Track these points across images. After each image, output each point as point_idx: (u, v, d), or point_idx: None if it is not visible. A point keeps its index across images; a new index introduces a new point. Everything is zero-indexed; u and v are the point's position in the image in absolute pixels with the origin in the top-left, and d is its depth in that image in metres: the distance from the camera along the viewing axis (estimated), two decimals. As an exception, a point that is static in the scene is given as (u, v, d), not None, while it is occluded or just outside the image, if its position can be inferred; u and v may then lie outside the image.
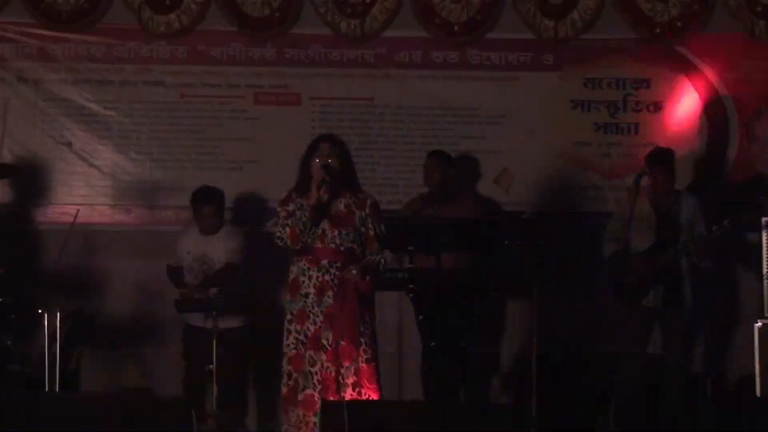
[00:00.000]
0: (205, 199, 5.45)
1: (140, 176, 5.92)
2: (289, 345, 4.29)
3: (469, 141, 5.97)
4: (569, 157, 6.01)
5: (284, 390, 4.32)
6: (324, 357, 4.24)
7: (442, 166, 5.60)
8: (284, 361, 4.36)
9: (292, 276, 4.29)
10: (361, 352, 4.25)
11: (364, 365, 4.27)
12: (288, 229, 4.21)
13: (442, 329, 5.20)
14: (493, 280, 5.38)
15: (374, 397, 4.30)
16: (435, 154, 5.66)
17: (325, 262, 4.25)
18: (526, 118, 6.01)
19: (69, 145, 5.90)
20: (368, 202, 4.33)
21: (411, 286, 5.19)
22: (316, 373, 4.26)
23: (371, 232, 4.33)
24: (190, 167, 5.92)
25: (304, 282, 4.24)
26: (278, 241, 4.27)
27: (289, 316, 4.27)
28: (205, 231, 5.49)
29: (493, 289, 5.43)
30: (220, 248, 5.44)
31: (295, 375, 4.27)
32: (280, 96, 5.93)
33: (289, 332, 4.26)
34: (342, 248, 4.26)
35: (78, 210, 5.54)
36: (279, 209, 4.32)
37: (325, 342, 4.24)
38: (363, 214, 4.32)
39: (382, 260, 4.37)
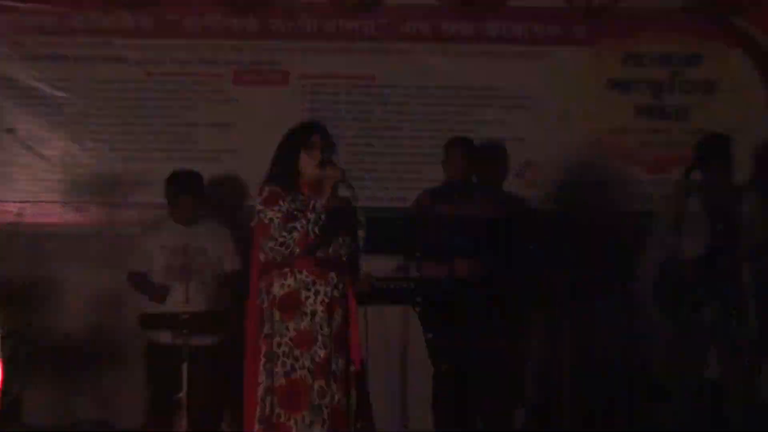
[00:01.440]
0: (183, 187, 5.19)
1: (97, 168, 5.67)
2: (277, 373, 3.97)
3: (488, 128, 5.71)
4: (605, 147, 5.76)
5: (260, 428, 3.98)
6: (335, 386, 3.98)
7: (468, 156, 5.32)
8: (260, 393, 4.01)
9: (284, 290, 4.01)
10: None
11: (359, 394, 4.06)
12: (296, 234, 3.93)
13: (456, 350, 5.03)
14: (516, 291, 5.13)
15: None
16: (460, 142, 5.38)
17: (333, 275, 4.03)
18: (555, 100, 5.75)
19: (11, 131, 5.68)
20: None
21: (418, 299, 4.98)
22: (326, 407, 3.97)
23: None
24: (156, 158, 5.65)
25: (308, 298, 3.99)
26: (281, 248, 3.95)
27: (278, 338, 3.98)
28: (182, 221, 5.22)
29: (516, 301, 5.19)
30: (206, 237, 5.18)
31: (282, 411, 3.94)
32: (263, 74, 5.70)
33: (276, 357, 3.96)
34: (344, 259, 4.09)
35: (22, 208, 5.48)
36: (266, 209, 3.99)
37: (335, 368, 3.99)
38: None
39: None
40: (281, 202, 3.97)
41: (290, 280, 3.99)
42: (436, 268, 5.14)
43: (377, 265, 4.57)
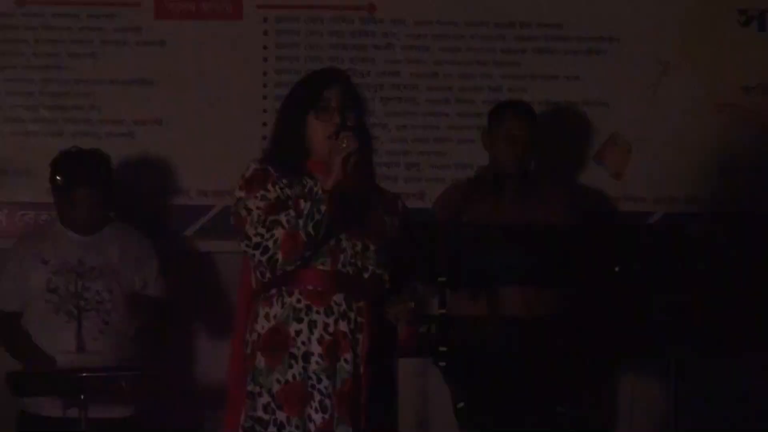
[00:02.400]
0: (79, 175, 4.75)
1: None
2: None
3: (549, 85, 5.21)
4: (735, 113, 5.23)
5: None
6: None
7: (527, 131, 4.84)
8: None
9: (268, 323, 3.64)
10: None
11: None
12: (281, 231, 3.58)
13: (503, 426, 4.64)
14: (598, 336, 4.71)
15: None
16: (513, 108, 4.92)
17: (339, 297, 3.57)
18: (654, 42, 5.21)
19: None
20: (399, 204, 3.87)
21: (443, 349, 4.23)
22: None
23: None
24: (36, 134, 5.15)
25: (299, 333, 3.60)
26: (257, 252, 3.61)
27: (264, 398, 3.60)
28: (79, 227, 4.73)
29: (598, 352, 4.78)
30: (113, 251, 4.81)
31: None
32: (203, 4, 5.13)
33: (264, 425, 3.62)
34: (367, 275, 3.68)
35: None
36: (247, 196, 3.65)
37: None
38: (395, 221, 3.82)
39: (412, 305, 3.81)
40: (270, 187, 3.63)
41: (276, 308, 3.63)
42: (471, 302, 4.64)
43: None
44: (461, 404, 4.63)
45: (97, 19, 5.15)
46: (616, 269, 4.61)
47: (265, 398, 3.67)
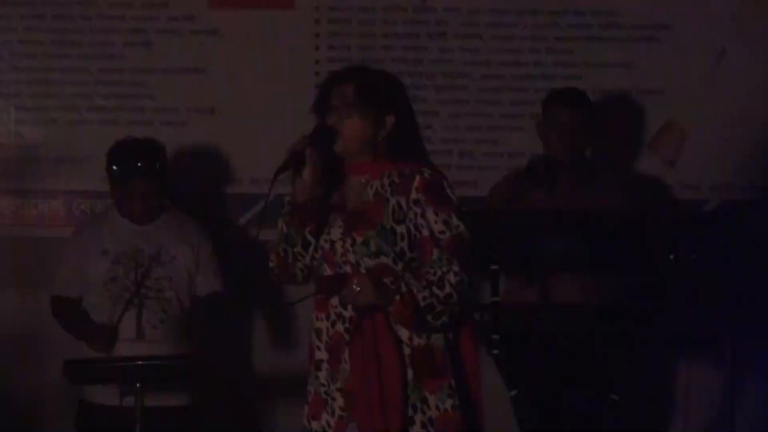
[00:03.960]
0: (134, 164, 4.81)
1: None
2: None
3: (602, 73, 5.25)
4: None
5: None
6: None
7: (583, 119, 4.86)
8: None
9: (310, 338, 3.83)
10: None
11: None
12: (273, 252, 3.75)
13: (557, 413, 4.69)
14: (650, 325, 4.67)
15: None
16: (569, 96, 4.94)
17: (336, 299, 3.65)
18: (708, 28, 5.23)
19: None
20: (417, 179, 3.66)
21: (495, 336, 4.48)
22: None
23: (424, 231, 3.62)
24: (91, 122, 5.25)
25: (315, 344, 3.73)
26: (274, 278, 3.82)
27: (306, 407, 3.75)
28: (135, 216, 4.84)
29: (650, 340, 4.76)
30: (170, 240, 4.86)
31: None
32: None
33: None
34: (362, 269, 3.64)
35: None
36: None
37: None
38: (404, 201, 3.66)
39: (449, 276, 3.57)
40: None
41: (316, 321, 3.77)
42: (525, 289, 4.73)
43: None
44: (514, 392, 4.68)
45: (151, 9, 5.24)
46: (671, 257, 4.64)
47: (306, 408, 3.77)
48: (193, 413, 4.85)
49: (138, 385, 4.41)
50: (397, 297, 3.52)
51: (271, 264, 3.79)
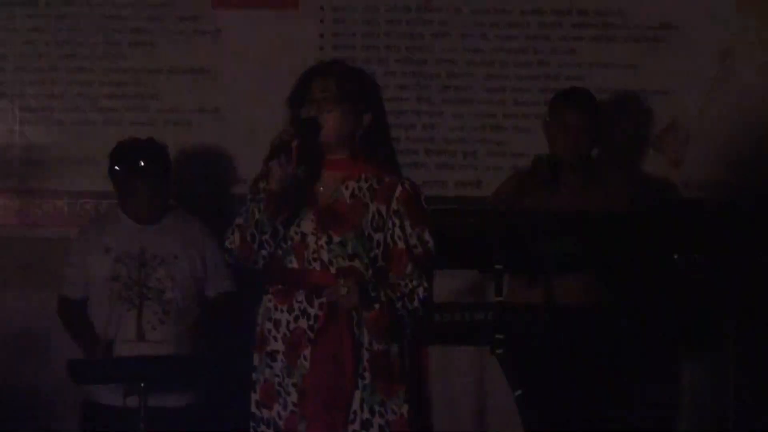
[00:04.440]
0: (138, 165, 4.81)
1: (1, 140, 5.29)
2: None
3: (606, 73, 5.24)
4: None
5: None
6: None
7: (589, 119, 4.86)
8: None
9: (259, 322, 3.78)
10: None
11: None
12: (237, 234, 3.73)
13: (561, 413, 4.68)
14: (652, 324, 4.70)
15: None
16: (575, 96, 4.92)
17: (301, 294, 3.63)
18: (713, 30, 5.21)
19: None
20: (398, 189, 3.71)
21: (500, 336, 4.42)
22: None
23: (399, 243, 3.67)
24: (96, 123, 5.24)
25: (270, 332, 3.70)
26: (227, 255, 3.80)
27: (255, 395, 3.76)
28: (139, 216, 4.83)
29: (652, 339, 4.77)
30: (174, 241, 4.86)
31: None
32: None
33: (254, 427, 3.76)
34: (335, 268, 3.64)
35: None
36: (249, 194, 3.75)
37: None
38: (385, 209, 3.70)
39: (419, 290, 3.66)
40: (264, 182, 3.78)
41: (260, 307, 3.76)
42: (528, 290, 4.69)
43: (437, 284, 3.96)
44: (519, 392, 4.59)
45: (155, 9, 5.24)
46: (675, 257, 4.63)
47: (256, 394, 3.79)
48: (197, 413, 4.81)
49: (142, 385, 4.40)
50: (376, 306, 3.55)
51: (230, 245, 3.77)
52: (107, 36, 5.34)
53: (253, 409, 3.77)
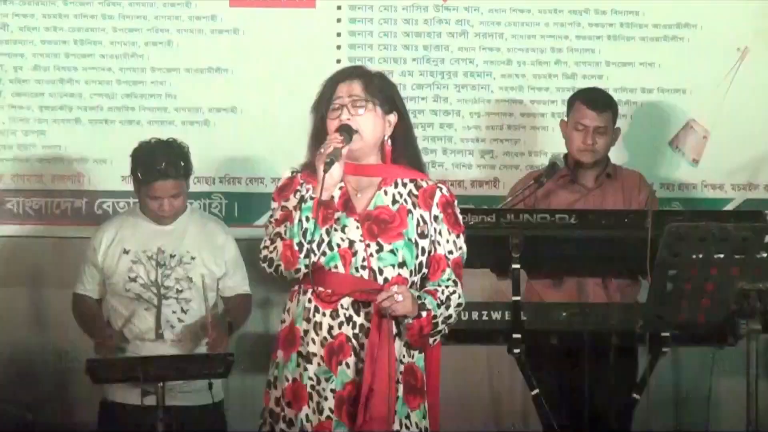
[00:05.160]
0: (159, 166, 4.75)
1: (20, 139, 5.26)
2: None
3: (624, 72, 5.22)
4: None
5: None
6: None
7: (609, 119, 4.82)
8: None
9: (286, 319, 3.70)
10: None
11: None
12: (280, 243, 3.65)
13: (579, 413, 4.66)
14: (673, 326, 4.49)
15: None
16: (589, 97, 4.89)
17: (347, 301, 3.62)
18: (731, 28, 5.19)
19: None
20: (438, 194, 3.71)
21: (516, 336, 4.48)
22: None
23: (439, 249, 3.67)
24: (113, 122, 5.23)
25: (306, 333, 3.63)
26: (265, 265, 3.70)
27: (275, 392, 3.69)
28: (159, 217, 4.84)
29: (672, 341, 4.62)
30: (192, 241, 4.84)
31: None
32: None
33: (277, 419, 3.67)
34: (383, 276, 3.58)
35: None
36: (273, 206, 3.74)
37: None
38: (428, 215, 3.70)
39: (454, 297, 3.65)
40: (291, 197, 3.66)
41: (293, 305, 3.70)
42: (545, 289, 4.74)
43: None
44: (536, 391, 4.66)
45: (173, 8, 5.24)
46: (693, 257, 4.43)
47: (277, 391, 3.75)
48: (214, 413, 4.81)
49: (160, 384, 4.43)
50: (423, 313, 3.54)
51: (270, 254, 3.71)
52: (125, 35, 5.20)
53: (272, 405, 3.73)
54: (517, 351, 4.67)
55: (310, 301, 3.66)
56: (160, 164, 4.83)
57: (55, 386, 5.24)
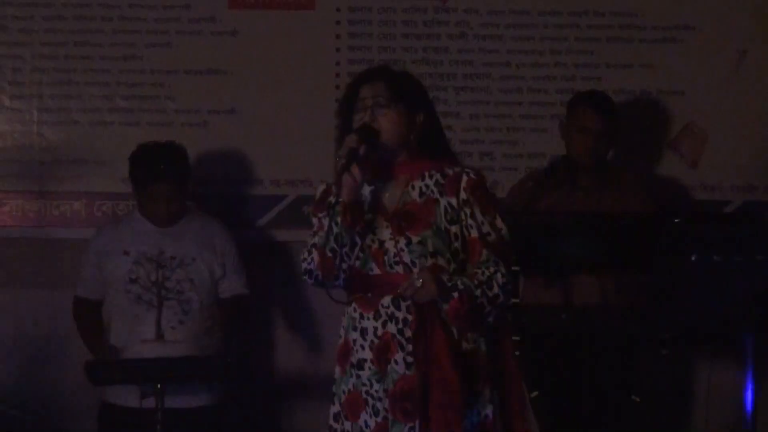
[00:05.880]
0: (157, 167, 4.77)
1: (18, 140, 5.25)
2: None
3: (623, 74, 5.22)
4: None
5: None
6: None
7: (608, 122, 4.84)
8: None
9: (342, 335, 3.71)
10: None
11: None
12: (315, 253, 3.63)
13: (579, 416, 4.65)
14: (671, 326, 4.59)
15: None
16: (593, 98, 4.90)
17: (387, 299, 3.55)
18: (730, 30, 5.19)
19: None
20: (464, 179, 3.66)
21: (517, 337, 4.23)
22: None
23: (473, 232, 3.61)
24: (112, 123, 5.21)
25: (356, 341, 3.63)
26: (306, 277, 3.68)
27: (334, 408, 3.69)
28: (158, 219, 4.83)
29: (671, 341, 4.64)
30: (192, 243, 4.84)
31: None
32: None
33: None
34: (417, 268, 3.55)
35: None
36: (314, 219, 3.73)
37: None
38: (455, 201, 3.63)
39: (497, 276, 3.58)
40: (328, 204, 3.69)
41: (345, 319, 3.70)
42: (546, 291, 4.69)
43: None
44: (535, 393, 4.65)
45: (172, 10, 5.21)
46: (693, 258, 4.59)
47: (335, 407, 3.73)
48: (214, 414, 4.81)
49: (159, 386, 4.40)
50: (455, 294, 3.48)
51: (308, 266, 3.72)
52: (124, 36, 5.19)
53: (331, 421, 3.73)
54: (516, 353, 4.41)
55: (355, 310, 3.65)
56: (158, 167, 4.82)
57: (54, 388, 5.22)
